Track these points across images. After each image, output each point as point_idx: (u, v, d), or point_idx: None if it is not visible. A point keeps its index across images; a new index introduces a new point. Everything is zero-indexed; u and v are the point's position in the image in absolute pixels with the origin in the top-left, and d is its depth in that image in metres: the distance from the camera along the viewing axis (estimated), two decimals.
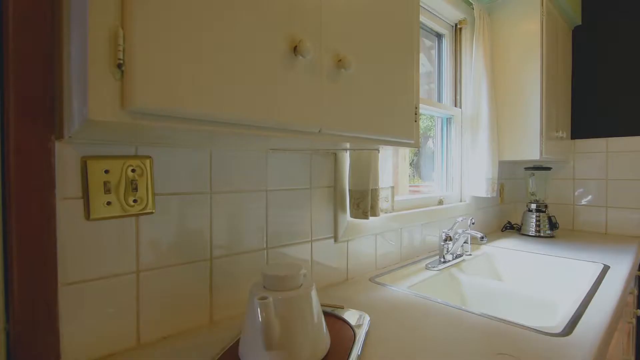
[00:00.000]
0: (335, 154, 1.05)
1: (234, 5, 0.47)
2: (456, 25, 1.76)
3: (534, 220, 1.88)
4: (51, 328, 0.60)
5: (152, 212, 0.70)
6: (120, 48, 0.39)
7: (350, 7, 0.64)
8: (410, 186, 1.95)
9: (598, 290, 1.03)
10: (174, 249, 0.73)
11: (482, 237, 1.26)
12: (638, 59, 1.86)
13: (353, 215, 1.04)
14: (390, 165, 1.11)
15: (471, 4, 1.66)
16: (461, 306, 0.90)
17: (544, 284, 1.41)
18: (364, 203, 0.99)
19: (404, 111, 0.76)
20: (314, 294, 0.63)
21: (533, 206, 1.90)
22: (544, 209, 1.88)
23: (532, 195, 1.95)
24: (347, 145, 0.77)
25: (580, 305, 0.92)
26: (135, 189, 0.68)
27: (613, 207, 1.94)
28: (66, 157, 0.61)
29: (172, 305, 0.73)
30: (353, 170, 1.03)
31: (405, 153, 1.98)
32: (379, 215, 1.02)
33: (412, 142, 0.80)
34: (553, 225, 1.86)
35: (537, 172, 1.93)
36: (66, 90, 0.52)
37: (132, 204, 0.68)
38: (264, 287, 0.62)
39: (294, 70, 0.55)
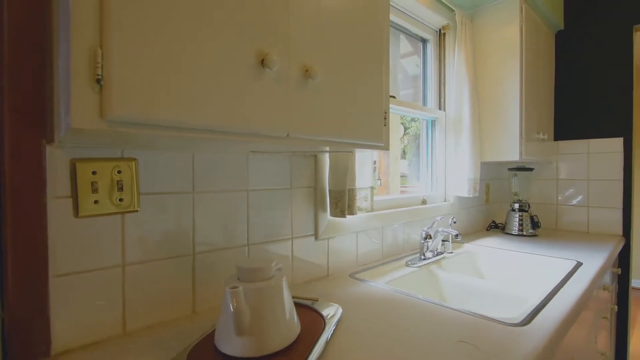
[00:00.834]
0: (316, 155, 1.11)
1: (205, 25, 0.53)
2: (440, 30, 1.81)
3: (517, 220, 1.93)
4: (42, 316, 0.65)
5: (137, 210, 0.76)
6: (99, 65, 0.44)
7: (318, 21, 0.70)
8: (402, 187, 2.01)
9: (565, 285, 1.09)
10: (158, 244, 0.79)
11: (457, 235, 1.31)
12: (617, 63, 1.92)
13: (332, 214, 1.09)
14: (370, 166, 1.17)
15: (453, 10, 1.72)
16: (431, 299, 0.95)
17: (520, 279, 1.47)
18: (342, 202, 1.05)
19: (372, 116, 0.82)
20: (284, 285, 0.69)
21: (516, 206, 1.95)
22: (527, 209, 1.94)
23: (515, 195, 2.00)
24: (322, 148, 0.83)
25: (544, 298, 0.97)
26: (121, 189, 0.73)
27: (594, 207, 2.00)
28: (56, 159, 0.67)
29: (156, 296, 0.79)
30: (332, 171, 1.09)
31: (397, 155, 2.04)
32: (355, 213, 1.08)
33: (382, 144, 0.85)
34: (535, 225, 1.91)
35: (519, 173, 1.99)
36: (56, 99, 0.58)
37: (118, 202, 0.73)
38: (238, 278, 0.67)
39: (262, 81, 0.60)
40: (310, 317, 0.80)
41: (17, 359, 0.62)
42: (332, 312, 0.82)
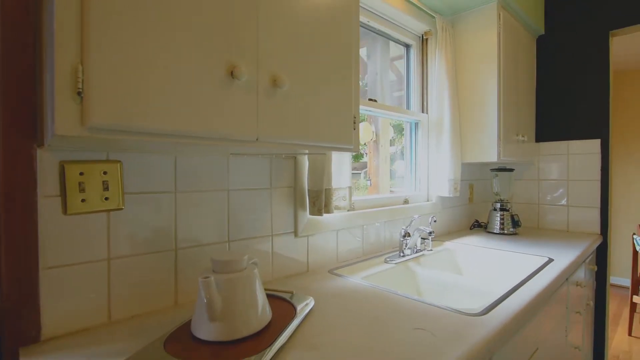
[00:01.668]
0: (295, 157, 1.17)
1: (176, 42, 0.59)
2: (422, 36, 1.88)
3: (499, 219, 2.00)
4: (33, 304, 0.71)
5: (121, 209, 0.82)
6: (80, 79, 0.51)
7: (287, 33, 0.76)
8: (393, 188, 2.07)
9: (531, 280, 1.15)
10: (142, 240, 0.85)
11: (430, 233, 1.38)
12: (594, 67, 1.99)
13: (310, 213, 1.16)
14: (347, 167, 1.23)
15: (434, 17, 1.78)
16: (401, 292, 1.01)
17: (495, 275, 1.53)
18: (319, 201, 1.11)
19: (341, 121, 0.88)
20: (255, 277, 0.75)
21: (498, 205, 2.02)
22: (508, 208, 2.00)
23: (496, 195, 2.07)
24: (295, 150, 0.89)
25: (507, 292, 1.03)
26: (107, 189, 0.80)
27: (574, 206, 2.06)
28: (46, 161, 0.73)
29: (140, 288, 0.85)
30: (310, 172, 1.15)
31: (387, 156, 2.11)
32: (332, 212, 1.14)
33: (351, 147, 0.92)
34: (515, 223, 1.98)
35: (500, 174, 2.05)
36: (44, 107, 0.64)
37: (104, 201, 0.79)
38: (213, 270, 0.74)
39: (232, 91, 0.66)
40: (283, 308, 0.86)
41: (10, 344, 0.68)
42: (304, 303, 0.88)
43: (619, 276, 3.97)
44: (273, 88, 0.73)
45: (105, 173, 0.79)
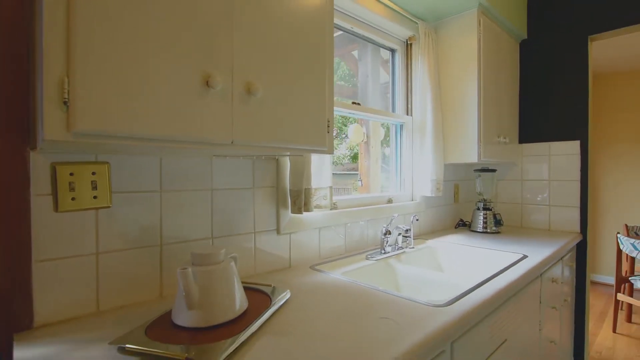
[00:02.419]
0: (277, 159, 1.23)
1: (154, 56, 0.65)
2: (407, 41, 1.94)
3: (482, 218, 2.06)
4: (26, 294, 0.78)
5: (109, 206, 0.88)
6: (66, 90, 0.57)
7: (260, 44, 0.82)
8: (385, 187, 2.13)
9: (502, 274, 1.21)
10: (128, 236, 0.91)
11: (407, 230, 1.44)
12: (574, 71, 2.05)
13: (292, 211, 1.22)
14: (328, 168, 1.29)
15: (417, 23, 1.85)
16: (375, 286, 1.08)
17: (471, 271, 1.60)
18: (299, 200, 1.18)
19: (314, 124, 0.94)
20: (232, 269, 0.81)
21: (481, 205, 2.08)
22: (490, 207, 2.07)
23: (479, 194, 2.13)
24: (272, 152, 0.95)
25: (475, 285, 1.10)
26: (95, 188, 0.86)
27: (555, 206, 2.13)
28: (39, 163, 0.79)
29: (127, 281, 0.91)
30: (292, 172, 1.21)
31: (377, 157, 2.17)
32: (312, 210, 1.21)
33: (325, 149, 0.98)
34: (498, 222, 2.04)
35: (483, 174, 2.12)
36: (36, 114, 0.70)
37: (93, 199, 0.86)
38: (192, 263, 0.80)
39: (208, 98, 0.73)
40: (260, 299, 0.92)
41: (4, 330, 0.75)
42: (281, 295, 0.95)
43: (607, 274, 4.04)
44: (247, 95, 0.79)
45: (94, 173, 0.86)
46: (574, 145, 2.05)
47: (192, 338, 0.71)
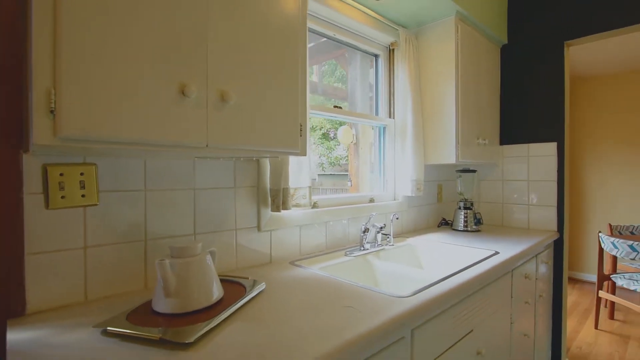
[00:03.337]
0: (258, 160, 1.31)
1: (133, 69, 0.73)
2: (389, 46, 2.02)
3: (462, 217, 2.14)
4: (19, 284, 0.85)
5: (96, 204, 0.96)
6: (52, 100, 0.65)
7: (234, 55, 0.90)
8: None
9: (469, 269, 1.29)
10: (114, 231, 0.99)
11: (381, 228, 1.52)
12: (551, 75, 2.13)
13: (271, 210, 1.30)
14: (307, 169, 1.37)
15: (398, 30, 1.93)
16: (347, 279, 1.15)
17: (447, 267, 1.67)
18: (278, 199, 1.26)
19: (287, 129, 1.02)
20: (207, 261, 0.89)
21: (461, 204, 2.16)
22: (471, 207, 2.15)
23: (460, 194, 2.21)
24: (248, 154, 1.03)
25: (440, 279, 1.17)
26: (83, 187, 0.93)
27: (533, 205, 2.21)
28: (31, 164, 0.87)
29: (113, 273, 0.99)
30: (272, 172, 1.29)
31: (366, 158, 2.25)
32: (289, 209, 1.28)
33: (298, 151, 1.06)
34: (478, 221, 2.12)
35: (463, 174, 2.19)
36: (29, 120, 0.78)
37: (81, 198, 0.93)
38: (171, 256, 0.87)
39: (183, 106, 0.80)
40: (236, 289, 1.00)
41: None
42: (256, 286, 1.02)
43: (593, 273, 4.11)
44: (221, 102, 0.87)
45: (82, 174, 0.93)
46: (551, 147, 2.13)
47: (169, 322, 0.78)
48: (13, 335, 0.75)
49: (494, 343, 1.42)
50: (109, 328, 0.74)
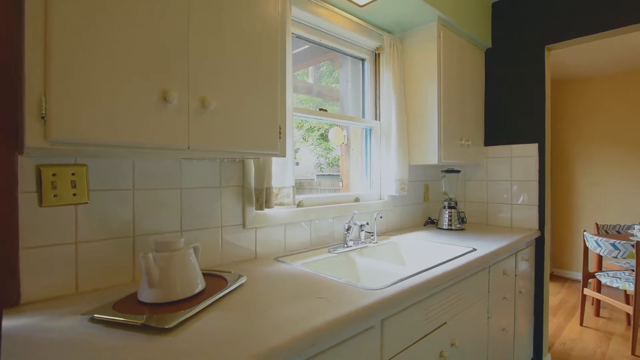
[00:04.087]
0: (243, 161, 1.38)
1: (117, 78, 0.80)
2: (375, 51, 2.09)
3: (447, 216, 2.21)
4: (14, 276, 0.92)
5: (87, 202, 1.03)
6: (43, 107, 0.71)
7: (214, 63, 0.97)
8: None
9: (443, 265, 1.35)
10: (104, 227, 1.06)
11: (361, 226, 1.58)
12: (533, 78, 2.20)
13: (256, 208, 1.36)
14: (290, 169, 1.44)
15: (382, 35, 2.00)
16: (325, 273, 1.22)
17: (426, 262, 1.74)
18: (261, 198, 1.32)
19: (267, 131, 1.09)
20: (190, 255, 0.96)
21: (446, 204, 2.23)
22: (455, 206, 2.21)
23: (444, 194, 2.28)
24: (230, 156, 1.10)
25: (413, 273, 1.24)
26: (75, 187, 1.00)
27: (516, 205, 2.27)
28: (26, 165, 0.94)
29: (103, 267, 1.06)
30: (256, 172, 1.36)
31: (357, 158, 2.31)
32: (272, 207, 1.35)
33: (277, 153, 1.13)
34: (462, 220, 2.19)
35: (448, 174, 2.26)
36: (23, 125, 0.84)
37: (73, 196, 1.00)
38: (156, 250, 0.94)
39: (165, 111, 0.87)
40: (218, 282, 1.07)
41: None
42: (238, 280, 1.09)
43: (574, 271, 4.19)
44: (202, 108, 0.94)
45: (73, 174, 1.00)
46: (533, 148, 2.20)
47: (152, 310, 0.85)
48: (8, 322, 0.82)
49: (470, 336, 1.49)
50: (95, 315, 0.81)
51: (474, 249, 1.62)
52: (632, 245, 2.48)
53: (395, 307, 1.07)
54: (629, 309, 2.53)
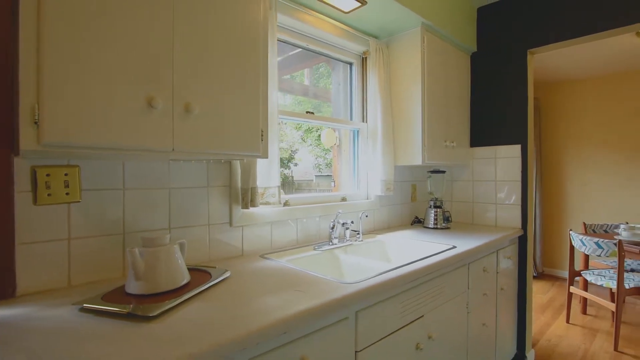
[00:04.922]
0: (230, 162, 1.44)
1: (106, 83, 0.86)
2: (362, 55, 2.16)
3: (433, 215, 2.27)
4: (10, 270, 0.98)
5: (79, 201, 1.09)
6: (36, 114, 0.78)
7: (199, 69, 1.03)
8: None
9: (421, 261, 1.42)
10: (95, 225, 1.12)
11: (344, 224, 1.65)
12: (516, 81, 2.27)
13: (241, 207, 1.43)
14: (276, 170, 1.50)
15: (368, 40, 2.06)
16: (307, 269, 1.28)
17: (408, 259, 1.80)
18: (247, 197, 1.39)
19: (249, 134, 1.15)
20: (175, 250, 1.02)
21: (432, 203, 2.29)
22: (441, 206, 2.28)
23: (430, 194, 2.35)
24: (214, 157, 1.16)
25: (392, 268, 1.30)
26: (67, 186, 1.07)
27: (500, 204, 2.34)
28: (21, 166, 1.00)
29: (94, 262, 1.12)
30: (242, 173, 1.43)
31: (349, 159, 2.38)
32: (257, 206, 1.41)
33: (259, 154, 1.19)
34: (447, 219, 2.25)
35: (433, 175, 2.33)
36: (18, 129, 0.91)
37: (65, 195, 1.07)
38: (143, 245, 1.01)
39: (151, 116, 0.94)
40: (203, 276, 1.13)
41: None
42: (222, 274, 1.16)
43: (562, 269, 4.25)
44: (186, 113, 1.00)
45: (66, 174, 1.07)
46: (516, 149, 2.26)
47: (138, 301, 0.92)
48: (3, 312, 0.89)
49: (448, 329, 1.55)
50: (85, 305, 0.88)
51: (454, 247, 1.69)
52: (615, 244, 2.55)
53: (369, 299, 1.14)
54: (613, 307, 2.59)
